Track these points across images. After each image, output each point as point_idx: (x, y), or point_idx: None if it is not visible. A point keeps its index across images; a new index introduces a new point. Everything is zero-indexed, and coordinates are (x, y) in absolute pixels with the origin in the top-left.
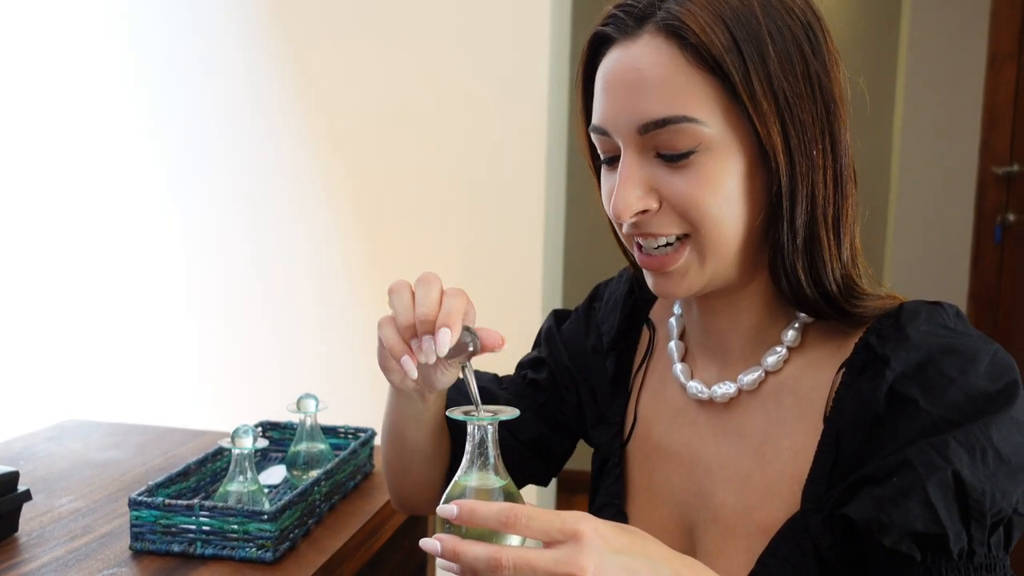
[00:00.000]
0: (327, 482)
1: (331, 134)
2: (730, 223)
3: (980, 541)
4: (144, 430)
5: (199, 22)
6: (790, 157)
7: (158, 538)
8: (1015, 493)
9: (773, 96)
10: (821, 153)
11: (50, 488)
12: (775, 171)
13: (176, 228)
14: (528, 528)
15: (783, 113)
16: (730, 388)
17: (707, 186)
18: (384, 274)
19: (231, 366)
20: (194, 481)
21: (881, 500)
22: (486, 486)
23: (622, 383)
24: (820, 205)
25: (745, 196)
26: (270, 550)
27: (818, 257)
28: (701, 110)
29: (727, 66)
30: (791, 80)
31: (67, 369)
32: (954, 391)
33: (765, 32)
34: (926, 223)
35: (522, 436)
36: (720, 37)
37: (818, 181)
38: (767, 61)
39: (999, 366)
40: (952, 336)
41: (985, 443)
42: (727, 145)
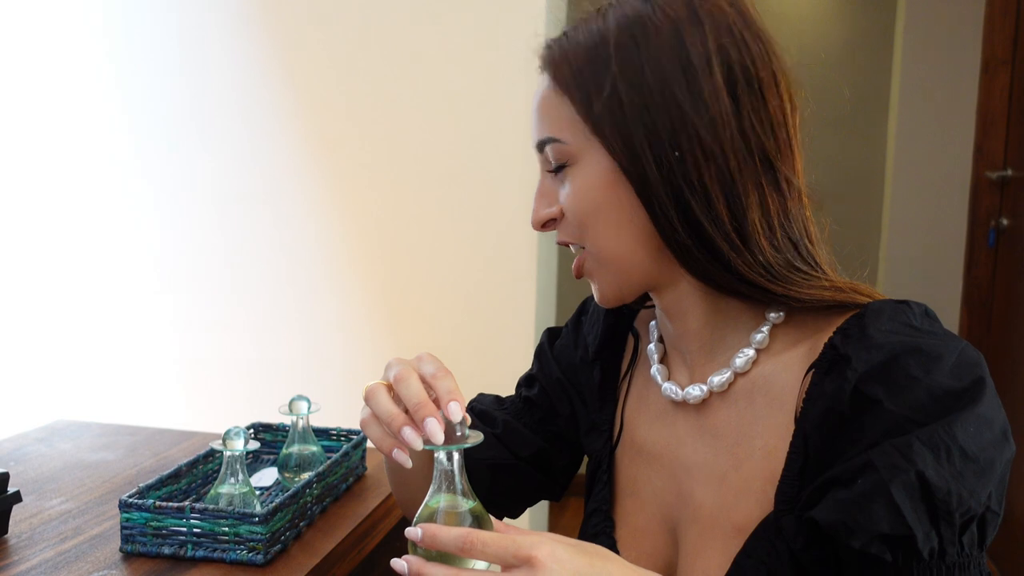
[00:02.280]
0: (319, 484)
1: (322, 134)
2: (607, 227)
3: (951, 540)
4: (135, 431)
5: (186, 20)
6: (638, 164)
7: (149, 540)
8: (983, 490)
9: (610, 111)
10: (688, 156)
11: (40, 489)
12: (627, 179)
13: (167, 229)
14: (484, 553)
15: (623, 126)
16: (701, 390)
17: (578, 193)
18: (378, 275)
19: (223, 367)
20: (185, 483)
21: (846, 503)
22: (453, 508)
23: (609, 391)
24: (697, 204)
25: (616, 202)
26: (261, 552)
27: (721, 252)
28: (563, 131)
29: (571, 90)
30: (638, 95)
31: (58, 370)
32: (918, 390)
33: (612, 58)
34: (920, 227)
35: (522, 453)
36: (569, 67)
37: (689, 181)
38: (605, 84)
39: (965, 363)
40: (916, 335)
41: (949, 442)
42: (590, 158)
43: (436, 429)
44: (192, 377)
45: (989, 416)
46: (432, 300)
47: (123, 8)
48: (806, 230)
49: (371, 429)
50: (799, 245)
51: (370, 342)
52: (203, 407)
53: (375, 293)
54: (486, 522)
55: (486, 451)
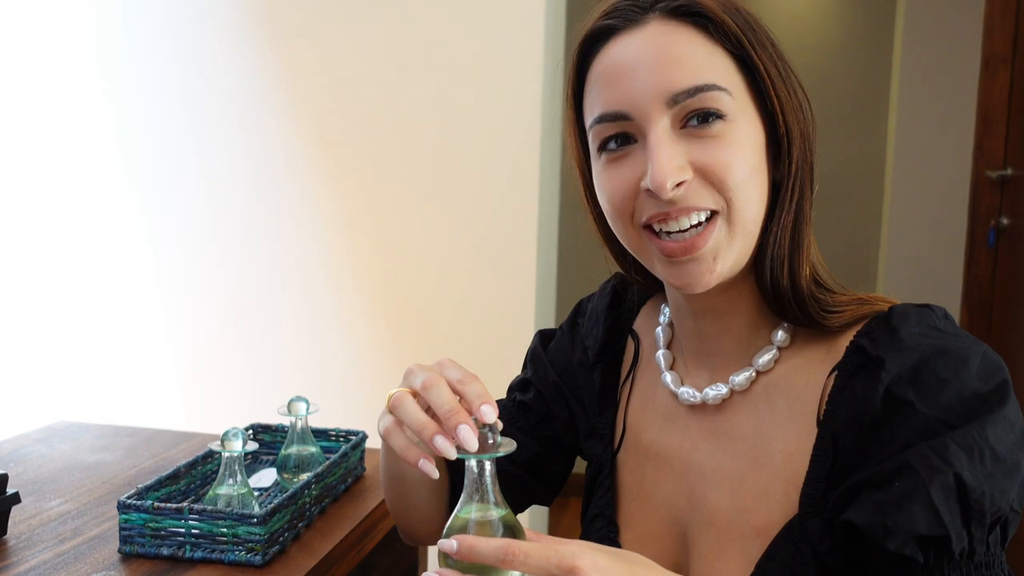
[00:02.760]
0: (317, 485)
1: (321, 136)
2: (755, 195)
3: (980, 540)
4: (134, 432)
5: (183, 21)
6: (798, 140)
7: (147, 541)
8: (1011, 491)
9: (781, 80)
10: (810, 157)
11: (39, 490)
12: (787, 152)
13: (166, 231)
14: (526, 564)
15: (794, 96)
16: (722, 390)
17: (738, 153)
18: (377, 276)
19: (223, 368)
20: (184, 484)
21: (883, 504)
22: (486, 519)
23: (610, 395)
24: (807, 198)
25: (762, 173)
26: (259, 553)
27: (797, 252)
28: (726, 81)
29: (745, 44)
30: (783, 71)
31: (58, 371)
32: (949, 393)
33: (754, 25)
34: (920, 226)
35: (518, 459)
36: (729, 19)
37: (807, 172)
38: (767, 48)
39: (990, 366)
40: (943, 338)
41: (982, 444)
42: (747, 119)
43: (470, 436)
44: (191, 378)
45: (1013, 418)
46: (431, 300)
47: (120, 10)
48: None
49: (396, 438)
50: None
51: (369, 343)
52: (202, 408)
53: (374, 294)
54: (519, 532)
55: None
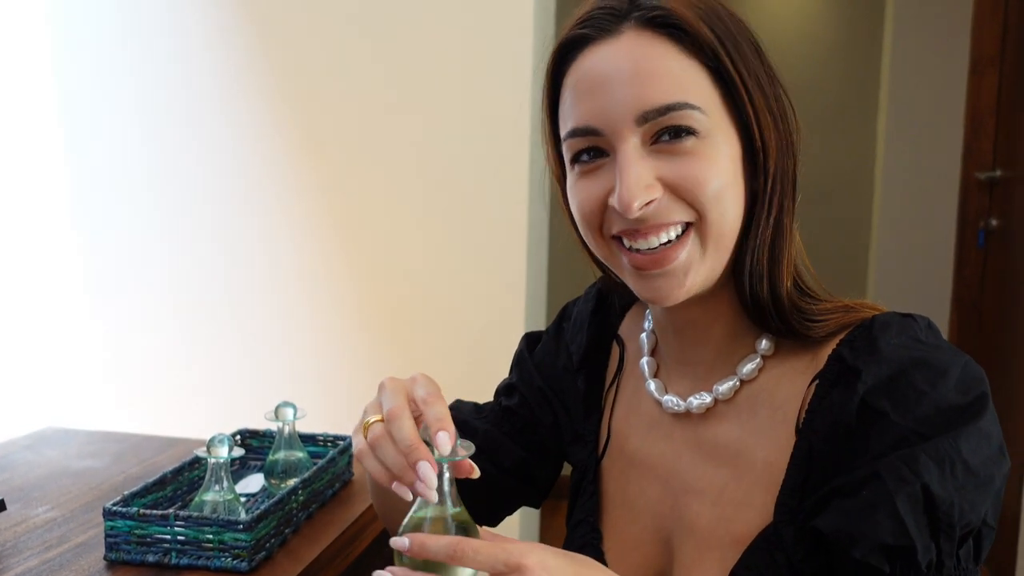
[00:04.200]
0: (305, 490)
1: (311, 140)
2: (730, 207)
3: (949, 553)
4: (122, 438)
5: (177, 18)
6: (776, 152)
7: (133, 548)
8: (983, 505)
9: (760, 90)
10: (793, 164)
11: (26, 497)
12: (763, 164)
13: (154, 237)
14: (475, 561)
15: (772, 107)
16: (706, 399)
17: (711, 167)
18: (365, 281)
19: (210, 374)
20: (171, 490)
21: (851, 513)
22: (440, 516)
23: (594, 400)
24: (787, 208)
25: (737, 185)
26: (245, 560)
27: (776, 264)
28: (699, 97)
29: (721, 56)
30: (763, 79)
31: (45, 377)
32: (925, 404)
33: (735, 33)
34: (909, 228)
35: (504, 463)
36: (706, 29)
37: (787, 183)
38: (746, 57)
39: (969, 379)
40: (923, 349)
41: (954, 456)
42: (721, 133)
43: (428, 472)
44: (179, 384)
45: (989, 431)
46: (420, 304)
47: (109, 9)
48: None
49: (368, 462)
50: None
51: (357, 348)
52: (189, 414)
53: (362, 300)
54: (473, 531)
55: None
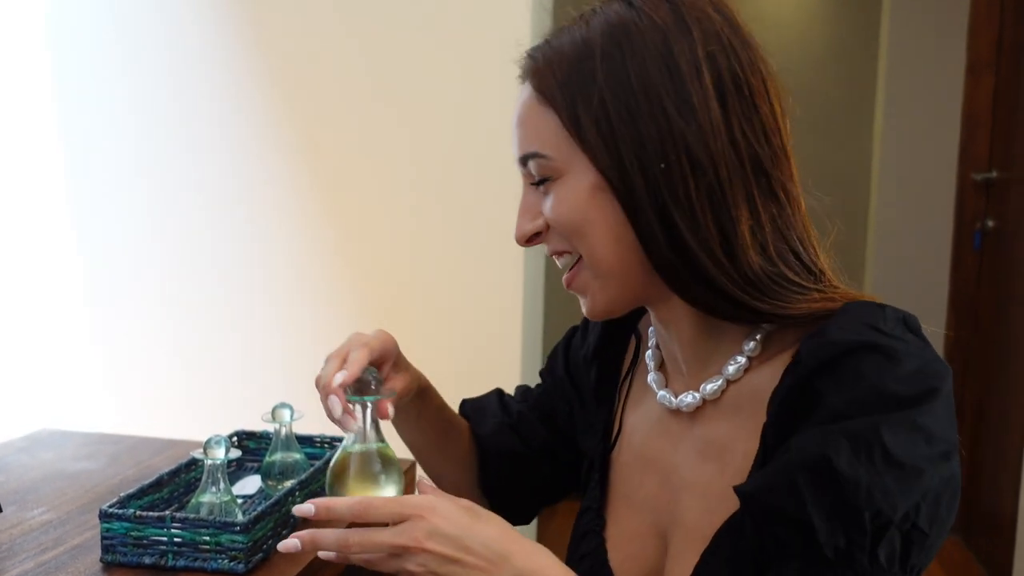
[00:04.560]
0: (302, 492)
1: (310, 143)
2: (601, 239)
3: (860, 545)
4: (118, 440)
5: (173, 20)
6: (626, 177)
7: (129, 550)
8: (905, 499)
9: (597, 123)
10: (675, 168)
11: (21, 500)
12: (614, 193)
13: (149, 237)
14: (377, 515)
15: (610, 138)
16: (695, 398)
17: (565, 207)
18: (362, 283)
19: (208, 375)
20: (167, 492)
21: (758, 479)
22: (365, 451)
23: (606, 391)
24: (682, 219)
25: (603, 216)
26: (242, 562)
27: (705, 270)
28: (547, 145)
29: (557, 101)
30: (625, 106)
31: (41, 379)
32: (861, 388)
33: (598, 68)
34: (906, 229)
35: (532, 443)
36: (554, 77)
37: (675, 195)
38: (593, 94)
39: (922, 373)
40: (875, 336)
41: (872, 439)
42: (575, 170)
43: (333, 406)
44: (176, 386)
45: (928, 428)
46: (418, 308)
47: (106, 10)
48: (808, 237)
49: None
50: (801, 255)
51: None
52: (187, 415)
53: (359, 301)
54: (394, 465)
55: (499, 439)
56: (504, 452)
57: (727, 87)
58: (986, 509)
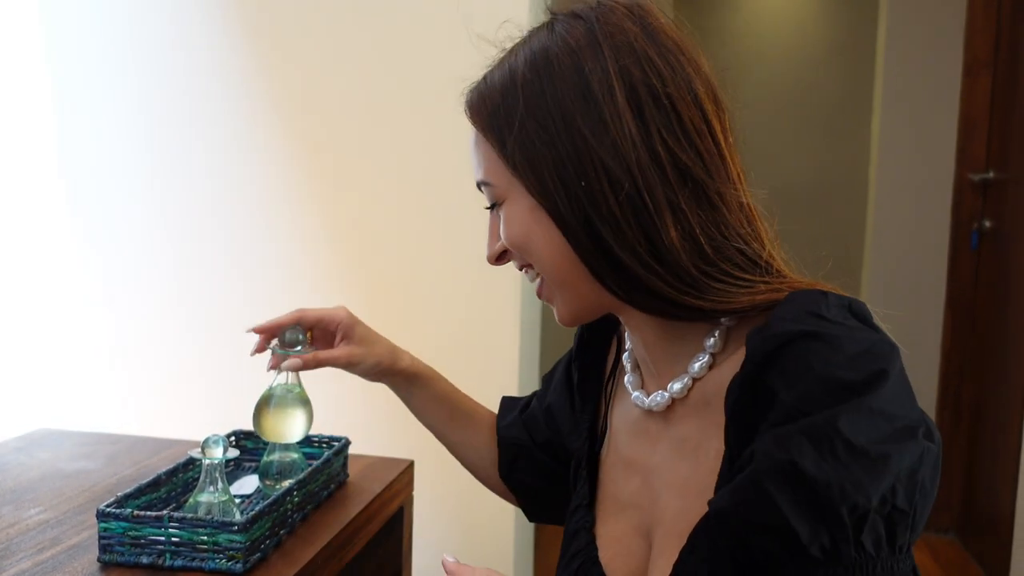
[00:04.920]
0: (299, 492)
1: (312, 147)
2: (544, 253)
3: (844, 539)
4: (116, 440)
5: (176, 20)
6: (550, 198)
7: (127, 550)
8: (875, 486)
9: (521, 148)
10: (595, 184)
11: (18, 499)
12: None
13: (147, 235)
14: None
15: (533, 162)
16: (663, 397)
17: (510, 228)
18: (360, 281)
19: (205, 375)
20: (165, 492)
21: (729, 493)
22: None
23: (589, 391)
24: (607, 231)
25: (543, 235)
26: (240, 561)
27: (638, 277)
28: (490, 173)
29: (488, 132)
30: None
31: (38, 378)
32: (809, 380)
33: (520, 97)
34: (903, 230)
35: (537, 439)
36: (486, 110)
37: (598, 210)
38: (515, 122)
39: (868, 355)
40: (818, 323)
41: (832, 434)
42: (515, 194)
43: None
44: (174, 385)
45: (885, 410)
46: (417, 305)
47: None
48: (754, 235)
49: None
50: (745, 251)
51: None
52: (185, 415)
53: (359, 301)
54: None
55: (510, 431)
56: (512, 443)
57: (643, 98)
58: (983, 509)
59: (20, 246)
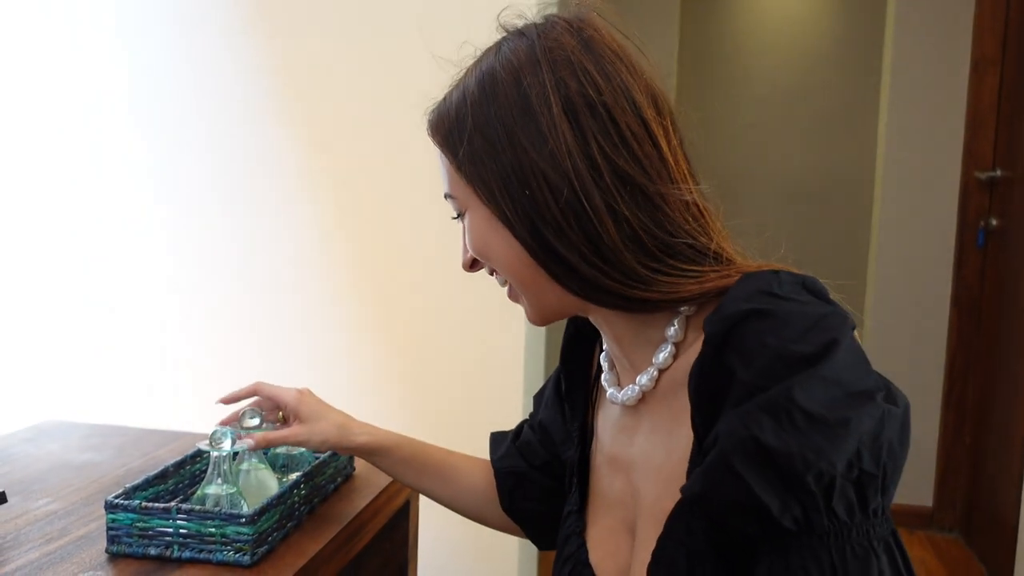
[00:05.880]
0: (306, 485)
1: (322, 144)
2: (502, 258)
3: (815, 507)
4: (124, 431)
5: (184, 19)
6: (499, 207)
7: (135, 541)
8: (837, 451)
9: (471, 162)
10: (537, 193)
11: (26, 490)
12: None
13: (157, 230)
14: None
15: (482, 174)
16: (633, 391)
17: (471, 237)
18: (371, 274)
19: (215, 367)
20: (172, 483)
21: (700, 476)
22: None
23: (578, 399)
24: (552, 235)
25: (500, 242)
26: (247, 553)
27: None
28: (451, 186)
29: (444, 148)
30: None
31: (47, 370)
32: (766, 357)
33: (468, 115)
34: (910, 228)
35: (534, 462)
36: (443, 127)
37: (542, 216)
38: (465, 138)
39: (819, 328)
40: (768, 301)
41: (788, 405)
42: (473, 205)
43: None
44: (182, 377)
45: (839, 377)
46: (429, 302)
47: (113, 8)
48: (701, 230)
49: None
50: (694, 244)
51: (363, 344)
52: (193, 407)
53: (370, 295)
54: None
55: (506, 461)
56: (509, 472)
57: (579, 108)
58: (987, 507)
59: (26, 241)
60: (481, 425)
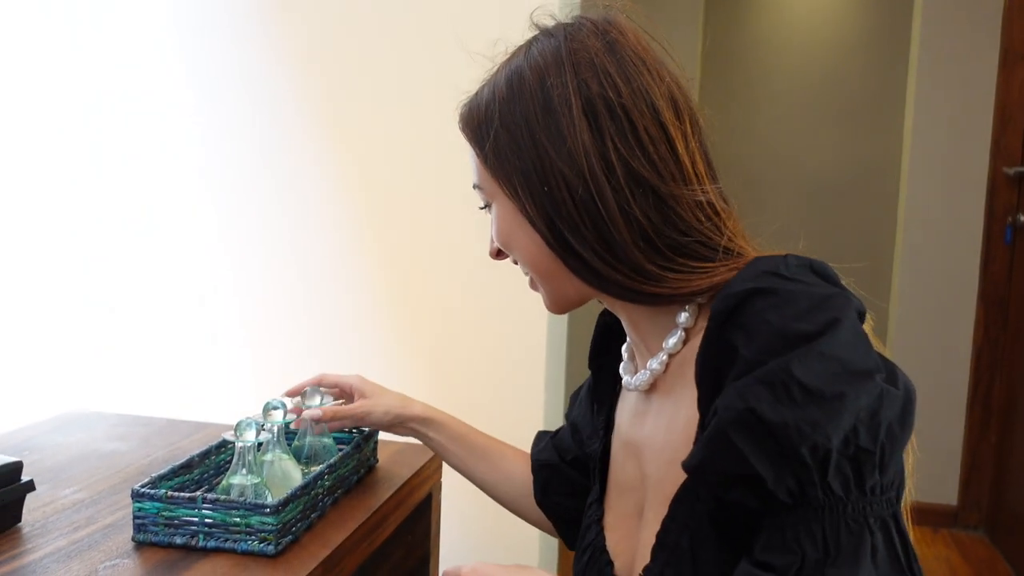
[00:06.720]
0: (330, 476)
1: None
2: (525, 250)
3: (810, 481)
4: (149, 421)
5: (204, 19)
6: (520, 201)
7: (160, 530)
8: (833, 424)
9: (496, 158)
10: (555, 190)
11: (54, 479)
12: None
13: (178, 221)
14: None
15: (505, 170)
16: (646, 375)
17: (497, 228)
18: (395, 267)
19: (240, 358)
20: (197, 473)
21: (699, 448)
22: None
23: (605, 393)
24: (568, 231)
25: (522, 233)
26: (272, 543)
27: (598, 270)
28: (479, 178)
29: (473, 143)
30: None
31: (73, 359)
32: (768, 333)
33: (496, 112)
34: (936, 223)
35: (566, 457)
36: (473, 122)
37: (559, 212)
38: (491, 134)
39: (822, 307)
40: (773, 280)
41: (785, 378)
42: (499, 197)
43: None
44: (206, 368)
45: (838, 354)
46: (447, 296)
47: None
48: (714, 229)
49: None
50: (706, 243)
51: (383, 335)
52: (217, 398)
53: (392, 287)
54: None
55: (543, 454)
56: (543, 465)
57: (599, 110)
58: (1013, 506)
59: (52, 233)
60: (503, 424)
